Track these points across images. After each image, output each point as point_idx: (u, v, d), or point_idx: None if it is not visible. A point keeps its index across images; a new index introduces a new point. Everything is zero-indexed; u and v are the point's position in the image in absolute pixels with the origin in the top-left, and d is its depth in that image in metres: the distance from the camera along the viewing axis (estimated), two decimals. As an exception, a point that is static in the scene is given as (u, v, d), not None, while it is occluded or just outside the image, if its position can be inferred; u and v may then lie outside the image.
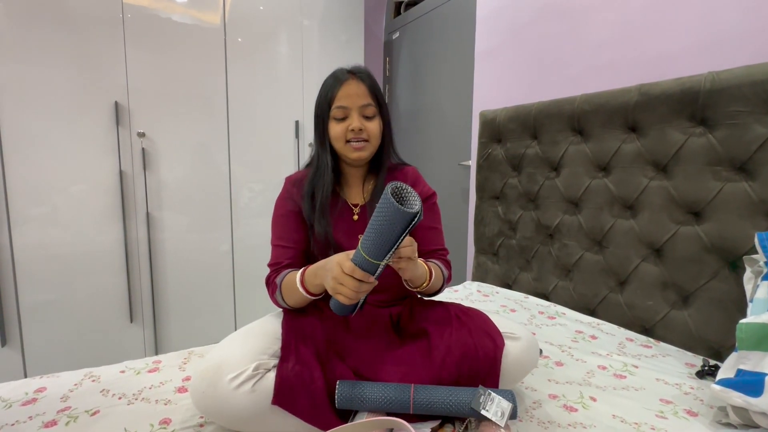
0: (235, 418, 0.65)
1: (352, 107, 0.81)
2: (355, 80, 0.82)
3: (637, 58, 1.24)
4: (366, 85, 0.82)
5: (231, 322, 2.03)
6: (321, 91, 0.85)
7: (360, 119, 0.81)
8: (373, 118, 0.83)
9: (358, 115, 0.81)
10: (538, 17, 1.53)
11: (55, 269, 1.60)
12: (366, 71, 0.85)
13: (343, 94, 0.81)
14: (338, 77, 0.82)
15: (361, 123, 0.81)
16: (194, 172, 1.87)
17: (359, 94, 0.81)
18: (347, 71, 0.83)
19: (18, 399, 0.76)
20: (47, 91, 1.54)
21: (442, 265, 0.87)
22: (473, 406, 0.64)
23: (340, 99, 0.81)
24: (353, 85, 0.81)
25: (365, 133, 0.81)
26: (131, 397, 0.78)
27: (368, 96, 0.82)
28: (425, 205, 0.87)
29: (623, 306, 1.20)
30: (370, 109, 0.82)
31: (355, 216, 0.86)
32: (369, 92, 0.82)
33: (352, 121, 0.81)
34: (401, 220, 0.60)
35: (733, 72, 0.96)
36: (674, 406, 0.79)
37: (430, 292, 0.85)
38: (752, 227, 0.93)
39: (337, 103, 0.81)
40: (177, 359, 0.95)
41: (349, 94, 0.81)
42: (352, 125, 0.80)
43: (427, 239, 0.89)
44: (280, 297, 0.80)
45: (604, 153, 1.23)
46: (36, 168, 1.54)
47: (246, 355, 0.68)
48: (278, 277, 0.81)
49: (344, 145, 0.82)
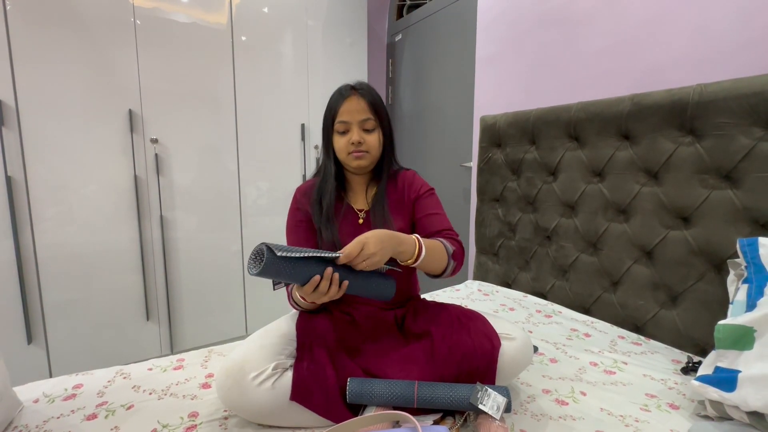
0: (257, 412, 0.73)
1: (352, 121, 0.88)
2: (357, 96, 0.88)
3: (631, 68, 1.29)
4: (366, 101, 0.88)
5: (242, 319, 2.11)
6: (327, 105, 0.92)
7: (360, 132, 0.87)
8: (373, 131, 0.89)
9: (359, 129, 0.88)
10: (537, 26, 1.57)
11: (75, 269, 1.68)
12: (367, 87, 0.91)
13: (344, 110, 0.87)
14: (342, 93, 0.89)
15: (361, 136, 0.87)
16: (205, 174, 1.94)
17: (359, 110, 0.87)
18: (350, 87, 0.90)
19: (59, 395, 0.84)
20: (66, 98, 1.60)
21: (444, 241, 0.86)
22: (471, 401, 0.71)
23: (342, 114, 0.88)
24: (354, 101, 0.87)
25: (365, 145, 0.88)
26: (161, 393, 0.85)
27: (368, 111, 0.88)
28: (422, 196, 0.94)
29: (616, 305, 1.26)
30: (370, 122, 0.88)
31: (360, 220, 0.93)
32: (369, 107, 0.88)
33: (352, 134, 0.87)
34: (272, 262, 0.64)
35: (720, 85, 1.01)
36: (658, 400, 0.86)
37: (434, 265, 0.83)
38: (736, 233, 0.99)
39: (339, 118, 0.88)
40: (199, 357, 1.02)
41: (350, 109, 0.87)
42: (353, 138, 0.87)
43: (429, 224, 0.92)
44: (294, 302, 0.87)
45: (598, 159, 1.28)
46: (56, 172, 1.61)
47: (266, 355, 0.76)
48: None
49: (347, 156, 0.89)
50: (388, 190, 0.95)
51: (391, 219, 0.90)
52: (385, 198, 0.92)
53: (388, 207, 0.92)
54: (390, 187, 0.95)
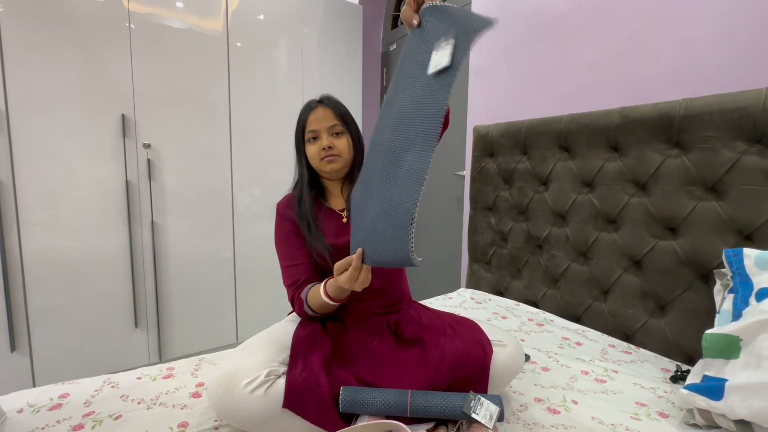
0: (249, 420, 0.72)
1: (321, 129, 0.92)
2: (323, 107, 0.93)
3: (619, 82, 1.32)
4: (332, 110, 0.93)
5: (233, 326, 2.09)
6: (297, 119, 0.96)
7: (329, 138, 0.92)
8: (341, 136, 0.94)
9: (327, 135, 0.92)
10: (529, 39, 1.61)
11: (62, 274, 1.65)
12: (333, 99, 0.96)
13: (312, 119, 0.93)
14: (310, 105, 0.95)
15: (330, 141, 0.92)
16: (198, 179, 1.93)
17: (326, 118, 0.92)
18: (317, 101, 0.95)
19: (44, 404, 0.82)
20: (57, 101, 1.59)
21: None
22: (464, 410, 0.71)
23: (311, 124, 0.93)
24: (320, 111, 0.93)
25: (335, 149, 0.92)
26: (150, 402, 0.84)
27: (334, 118, 0.93)
28: None
29: (606, 314, 1.28)
30: (337, 127, 0.93)
31: (344, 219, 0.96)
32: (335, 115, 0.93)
33: (322, 141, 0.92)
34: None
35: (705, 100, 1.04)
36: (648, 409, 0.87)
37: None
38: (722, 243, 1.02)
39: (309, 128, 0.93)
40: (189, 366, 1.01)
41: (317, 119, 0.92)
42: (323, 144, 0.91)
43: None
44: (309, 309, 0.88)
45: (588, 170, 1.31)
46: (45, 175, 1.59)
47: (259, 362, 0.75)
48: (302, 293, 0.89)
49: (320, 162, 0.93)
50: None
51: None
52: None
53: None
54: None
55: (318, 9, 2.23)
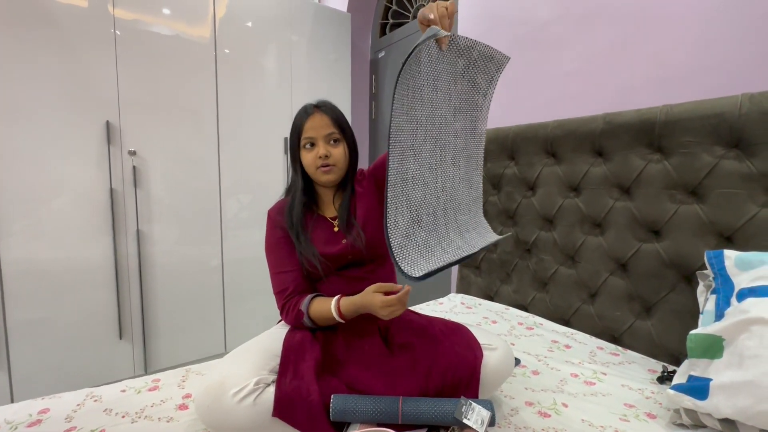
0: (237, 430, 0.70)
1: (318, 137, 0.91)
2: (320, 113, 0.92)
3: (602, 89, 1.36)
4: (329, 117, 0.92)
5: (221, 336, 2.05)
6: (293, 124, 0.95)
7: (326, 146, 0.91)
8: (338, 144, 0.93)
9: (324, 143, 0.91)
10: (515, 47, 1.64)
11: (43, 285, 1.60)
12: (330, 104, 0.95)
13: (309, 126, 0.91)
14: (306, 111, 0.93)
15: (327, 150, 0.90)
16: (185, 187, 1.91)
17: (324, 125, 0.91)
18: (313, 106, 0.93)
19: (22, 421, 0.79)
20: (39, 107, 1.55)
21: None
22: (456, 416, 0.71)
23: (308, 130, 0.91)
24: (318, 117, 0.91)
25: (332, 158, 0.91)
26: (134, 416, 0.81)
27: (332, 126, 0.91)
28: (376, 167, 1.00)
29: (594, 317, 1.30)
30: (334, 135, 0.92)
31: (335, 228, 0.95)
32: (332, 122, 0.92)
33: (319, 148, 0.90)
34: None
35: (684, 106, 1.07)
36: (636, 410, 0.88)
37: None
38: (704, 245, 1.04)
39: (305, 134, 0.91)
40: (175, 377, 0.98)
41: (315, 125, 0.91)
42: (320, 152, 0.90)
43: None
44: (308, 321, 0.87)
45: (574, 175, 1.33)
46: (26, 183, 1.55)
47: (248, 371, 0.74)
48: (301, 304, 0.88)
49: (315, 170, 0.92)
50: (357, 193, 0.98)
51: (357, 223, 0.93)
52: (350, 204, 0.95)
53: (354, 212, 0.95)
54: (357, 190, 0.98)
55: (307, 16, 2.24)
